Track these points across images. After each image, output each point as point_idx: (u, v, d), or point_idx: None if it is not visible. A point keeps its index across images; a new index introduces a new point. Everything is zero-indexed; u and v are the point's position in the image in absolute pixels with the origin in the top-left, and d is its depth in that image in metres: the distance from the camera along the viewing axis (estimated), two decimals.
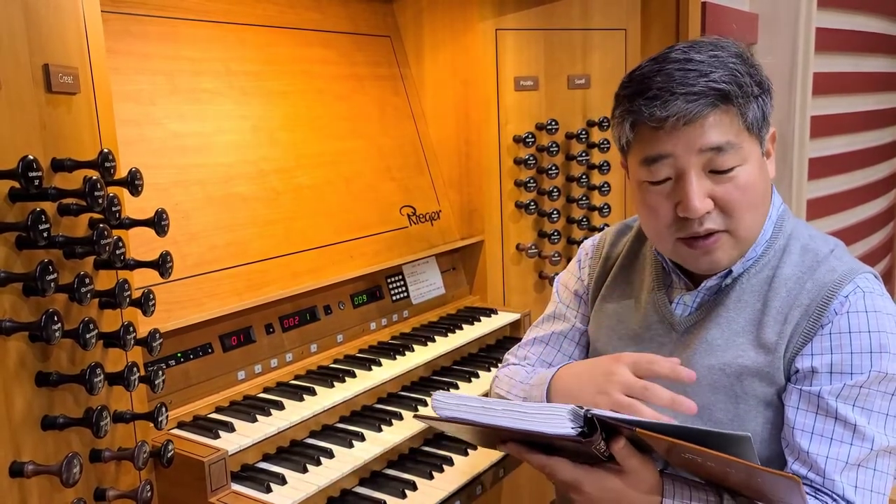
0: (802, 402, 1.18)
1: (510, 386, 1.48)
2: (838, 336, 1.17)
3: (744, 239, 1.23)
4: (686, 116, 1.14)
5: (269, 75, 2.08)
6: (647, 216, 1.27)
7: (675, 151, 1.18)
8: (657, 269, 1.40)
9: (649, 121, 1.17)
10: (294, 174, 2.05)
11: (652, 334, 1.36)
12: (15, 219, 1.11)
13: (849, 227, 4.30)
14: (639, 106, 1.18)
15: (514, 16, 2.42)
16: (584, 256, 1.58)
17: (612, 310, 1.45)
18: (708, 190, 1.18)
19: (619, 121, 1.25)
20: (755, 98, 1.19)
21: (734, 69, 1.17)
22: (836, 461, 1.14)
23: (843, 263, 1.23)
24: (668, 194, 1.22)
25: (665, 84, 1.16)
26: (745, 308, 1.26)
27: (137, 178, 1.30)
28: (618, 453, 1.07)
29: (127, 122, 1.67)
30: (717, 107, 1.15)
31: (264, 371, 1.87)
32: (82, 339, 1.16)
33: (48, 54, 1.19)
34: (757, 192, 1.21)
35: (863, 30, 4.22)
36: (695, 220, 1.19)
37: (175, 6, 1.89)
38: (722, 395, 1.24)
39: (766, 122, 1.23)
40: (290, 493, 1.49)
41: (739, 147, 1.18)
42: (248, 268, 1.85)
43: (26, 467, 1.11)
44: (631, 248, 1.49)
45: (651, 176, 1.22)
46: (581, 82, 2.52)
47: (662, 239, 1.27)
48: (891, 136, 4.93)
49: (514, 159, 2.46)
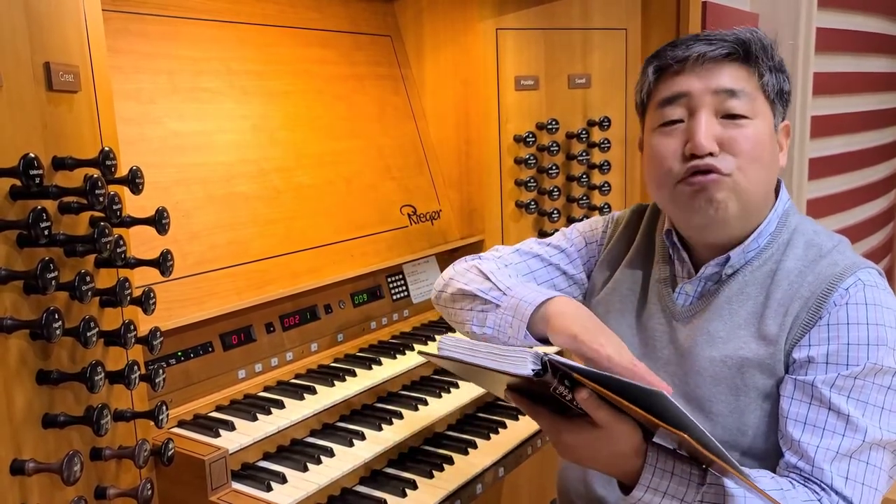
0: (797, 392, 1.18)
1: (468, 280, 1.43)
2: (836, 327, 1.17)
3: (745, 193, 1.23)
4: (705, 55, 1.23)
5: (269, 75, 2.08)
6: (653, 162, 1.30)
7: (691, 89, 1.24)
8: (663, 256, 1.40)
9: (672, 61, 1.26)
10: (295, 173, 2.05)
11: (655, 322, 1.37)
12: (16, 217, 1.11)
13: (849, 228, 4.30)
14: (664, 52, 1.29)
15: (514, 15, 2.42)
16: (598, 221, 1.58)
17: (619, 296, 1.45)
18: (717, 133, 1.22)
19: (643, 70, 1.34)
20: (775, 70, 1.26)
21: (760, 35, 1.27)
22: (827, 451, 1.13)
23: (845, 258, 1.23)
24: (678, 135, 1.26)
25: (692, 36, 1.29)
26: (748, 300, 1.26)
27: (138, 176, 1.30)
28: (583, 403, 1.06)
29: (128, 121, 1.67)
30: (736, 55, 1.24)
31: (265, 370, 1.87)
32: (83, 337, 1.16)
33: (49, 53, 1.19)
34: (764, 150, 1.24)
35: (863, 30, 4.23)
36: (699, 160, 1.22)
37: (176, 5, 1.89)
38: (723, 387, 1.25)
39: (781, 98, 1.28)
40: (290, 492, 1.49)
41: (753, 99, 1.24)
42: (248, 267, 1.85)
43: (27, 465, 1.11)
44: (644, 232, 1.49)
45: (665, 117, 1.27)
46: (581, 82, 2.52)
47: (663, 184, 1.28)
48: (891, 136, 4.93)
49: (515, 159, 2.46)
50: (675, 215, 1.33)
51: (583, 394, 1.05)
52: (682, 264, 1.36)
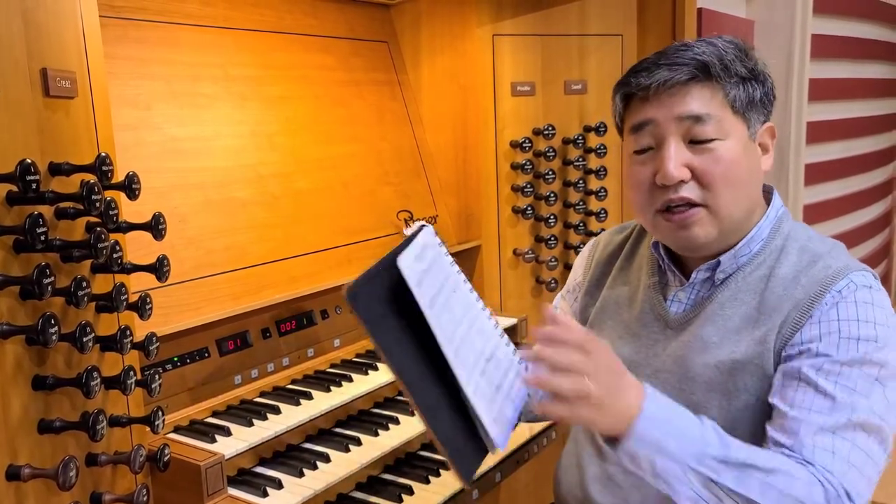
0: (785, 379, 1.17)
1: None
2: (827, 323, 1.16)
3: (723, 217, 1.23)
4: (667, 82, 1.21)
5: (267, 80, 2.08)
6: (632, 188, 1.31)
7: (656, 117, 1.23)
8: (653, 266, 1.41)
9: (636, 90, 1.25)
10: (292, 179, 2.05)
11: (648, 331, 1.37)
12: (12, 222, 1.12)
13: (845, 233, 4.31)
14: (628, 79, 1.27)
15: (511, 21, 2.43)
16: (583, 255, 1.60)
17: (611, 308, 1.45)
18: (686, 159, 1.22)
19: (613, 97, 1.33)
20: (742, 79, 1.23)
21: (722, 49, 1.23)
22: (810, 425, 1.11)
23: (839, 261, 1.22)
24: (648, 163, 1.26)
25: (654, 59, 1.25)
26: (741, 306, 1.26)
27: (135, 181, 1.30)
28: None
29: (124, 127, 1.68)
30: (698, 78, 1.22)
31: (261, 375, 1.87)
32: (79, 342, 1.16)
33: (46, 59, 1.20)
34: (738, 171, 1.22)
35: (858, 36, 4.25)
36: (671, 188, 1.22)
37: (174, 11, 1.90)
38: (717, 394, 1.24)
39: (754, 107, 1.26)
40: (286, 498, 1.49)
41: (720, 121, 1.22)
42: (245, 272, 1.85)
43: (23, 471, 1.11)
44: (630, 247, 1.50)
45: (637, 144, 1.27)
46: (578, 88, 2.53)
47: (644, 211, 1.30)
48: (887, 141, 4.95)
49: (511, 164, 2.47)
50: (658, 237, 1.34)
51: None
52: (674, 274, 1.36)
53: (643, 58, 1.29)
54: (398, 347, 1.08)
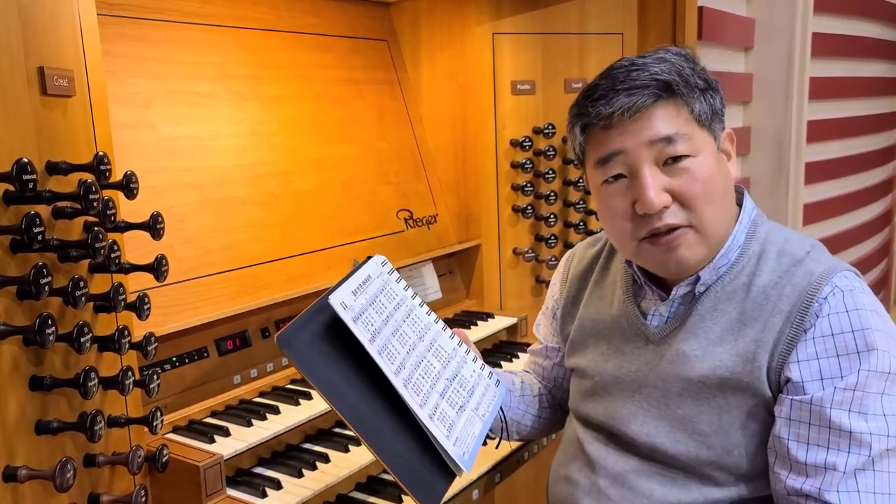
0: (794, 412, 1.14)
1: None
2: (822, 340, 1.13)
3: (709, 235, 1.20)
4: (631, 108, 1.16)
5: (266, 79, 2.08)
6: (609, 220, 1.26)
7: (625, 146, 1.18)
8: (627, 282, 1.37)
9: (596, 120, 1.20)
10: (291, 178, 2.05)
11: (630, 347, 1.34)
12: (9, 222, 1.11)
13: (845, 232, 4.31)
14: (585, 108, 1.22)
15: (511, 20, 2.42)
16: (558, 271, 1.58)
17: (589, 326, 1.43)
18: (664, 184, 1.17)
19: (570, 128, 1.28)
20: (701, 91, 1.20)
21: (677, 63, 1.19)
22: (834, 472, 1.10)
23: (819, 265, 1.19)
24: (624, 193, 1.21)
25: (609, 84, 1.19)
26: (722, 317, 1.23)
27: (133, 181, 1.29)
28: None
29: (122, 126, 1.67)
30: (662, 98, 1.17)
31: (260, 375, 1.86)
32: (76, 342, 1.15)
33: (43, 57, 1.19)
34: (716, 185, 1.19)
35: (859, 35, 4.24)
36: (654, 216, 1.18)
37: (171, 10, 1.89)
38: (705, 407, 1.22)
39: (716, 117, 1.23)
40: (285, 498, 1.48)
41: (690, 137, 1.18)
42: (244, 271, 1.84)
43: (20, 472, 1.11)
44: (604, 261, 1.47)
45: (606, 174, 1.22)
46: (578, 86, 2.52)
47: (626, 243, 1.25)
48: (887, 140, 4.95)
49: (511, 163, 2.46)
50: (644, 265, 1.30)
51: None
52: (652, 290, 1.32)
53: (593, 82, 1.23)
54: (340, 383, 1.07)
